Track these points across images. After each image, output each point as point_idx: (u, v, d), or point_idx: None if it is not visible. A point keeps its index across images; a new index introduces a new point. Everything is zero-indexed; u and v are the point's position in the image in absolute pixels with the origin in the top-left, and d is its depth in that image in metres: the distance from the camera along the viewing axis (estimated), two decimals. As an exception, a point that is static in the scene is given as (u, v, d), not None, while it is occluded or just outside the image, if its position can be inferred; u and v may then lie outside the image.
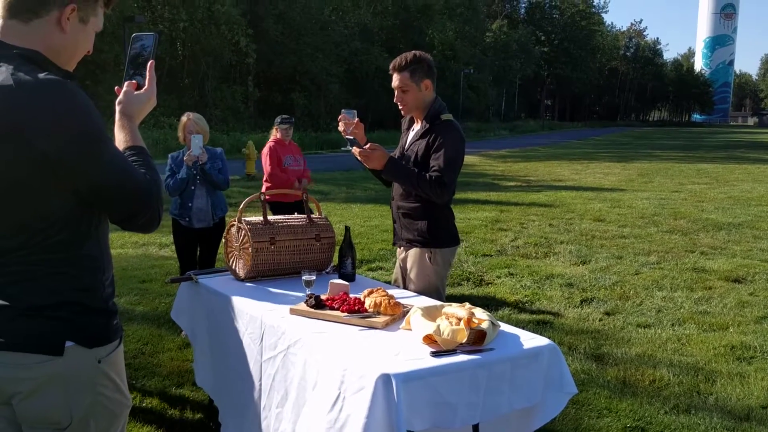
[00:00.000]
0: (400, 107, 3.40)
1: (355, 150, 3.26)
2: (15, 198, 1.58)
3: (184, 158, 4.85)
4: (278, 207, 5.96)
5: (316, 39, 38.72)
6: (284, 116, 6.79)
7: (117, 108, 1.78)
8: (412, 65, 3.29)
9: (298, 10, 38.64)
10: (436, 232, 3.33)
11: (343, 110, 3.37)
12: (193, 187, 4.95)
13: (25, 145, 1.52)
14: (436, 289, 3.32)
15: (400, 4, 47.84)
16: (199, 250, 5.18)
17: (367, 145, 3.25)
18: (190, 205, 4.96)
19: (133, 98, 1.80)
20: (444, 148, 3.23)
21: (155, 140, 22.00)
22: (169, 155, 5.10)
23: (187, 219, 4.99)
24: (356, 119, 3.37)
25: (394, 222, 3.53)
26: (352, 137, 3.30)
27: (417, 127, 3.43)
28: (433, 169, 3.23)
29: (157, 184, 1.69)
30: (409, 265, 3.40)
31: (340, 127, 3.35)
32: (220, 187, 5.05)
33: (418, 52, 3.36)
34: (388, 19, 47.69)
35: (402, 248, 3.48)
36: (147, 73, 1.82)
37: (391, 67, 3.36)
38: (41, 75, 1.55)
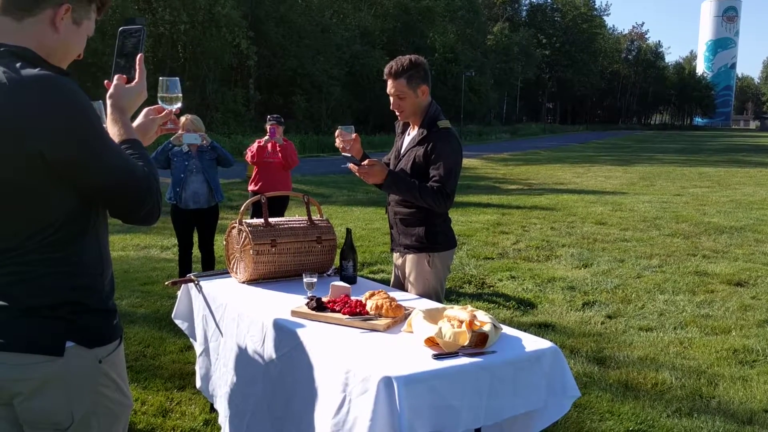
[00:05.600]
0: (397, 113, 3.33)
1: (354, 167, 3.18)
2: (13, 197, 1.56)
3: (172, 139, 5.71)
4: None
5: (317, 41, 38.70)
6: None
7: (108, 102, 1.78)
8: (408, 71, 3.19)
9: (299, 13, 38.65)
10: (433, 236, 3.30)
11: (339, 126, 3.26)
12: (185, 175, 5.73)
13: (21, 144, 1.50)
14: (435, 293, 3.29)
15: (401, 6, 47.84)
16: (197, 233, 5.99)
17: (365, 162, 3.17)
18: (178, 190, 5.74)
19: (124, 91, 1.80)
20: (443, 158, 3.18)
21: (157, 142, 21.95)
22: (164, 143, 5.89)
23: (182, 202, 5.79)
24: (354, 134, 3.25)
25: (391, 228, 3.48)
26: (350, 155, 3.22)
27: (413, 132, 3.37)
28: (434, 179, 3.17)
29: (155, 176, 1.68)
30: (408, 270, 3.36)
31: (338, 144, 3.24)
32: (227, 163, 5.84)
33: (413, 57, 3.25)
34: (389, 22, 47.65)
35: (399, 254, 3.44)
36: (137, 66, 1.82)
37: (386, 72, 3.24)
38: (35, 71, 1.53)
